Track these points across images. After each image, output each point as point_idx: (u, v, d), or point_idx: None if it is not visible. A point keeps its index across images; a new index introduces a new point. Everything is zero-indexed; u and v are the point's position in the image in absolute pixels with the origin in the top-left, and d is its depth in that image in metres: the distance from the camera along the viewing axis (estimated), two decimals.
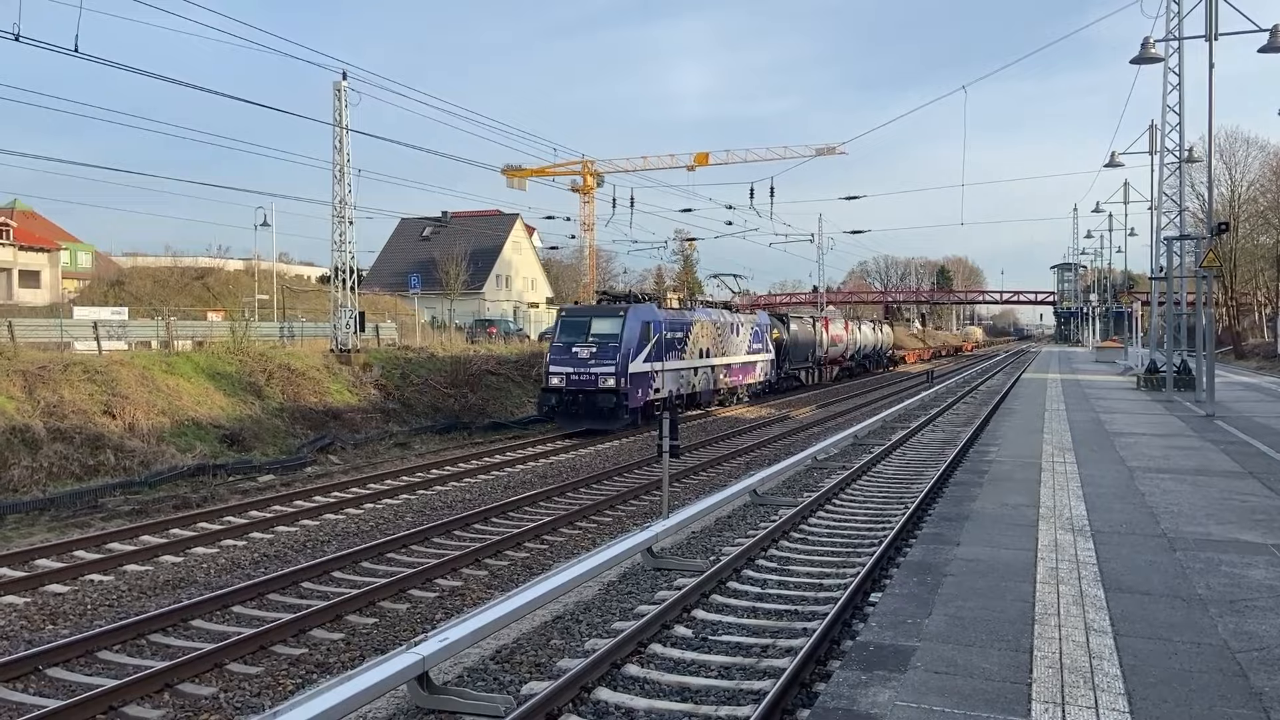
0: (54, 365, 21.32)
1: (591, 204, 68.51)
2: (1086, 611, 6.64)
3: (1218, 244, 33.05)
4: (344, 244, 31.87)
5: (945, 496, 12.19)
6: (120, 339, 30.90)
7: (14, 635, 9.52)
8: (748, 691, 7.01)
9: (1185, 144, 28.85)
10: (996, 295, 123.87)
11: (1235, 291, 59.41)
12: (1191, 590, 7.16)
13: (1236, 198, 58.16)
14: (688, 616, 8.83)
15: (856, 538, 12.16)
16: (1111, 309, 78.42)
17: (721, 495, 13.30)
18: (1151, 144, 33.93)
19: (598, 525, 14.65)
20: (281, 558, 12.70)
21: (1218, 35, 22.49)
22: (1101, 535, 8.96)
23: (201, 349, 28.26)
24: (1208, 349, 23.32)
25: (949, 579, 7.50)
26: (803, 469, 17.64)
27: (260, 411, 24.26)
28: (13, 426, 18.53)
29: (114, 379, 21.66)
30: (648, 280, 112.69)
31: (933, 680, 5.42)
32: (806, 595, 9.58)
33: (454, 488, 17.85)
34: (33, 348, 24.67)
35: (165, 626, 9.53)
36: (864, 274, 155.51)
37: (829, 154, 62.67)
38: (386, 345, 36.33)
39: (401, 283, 54.61)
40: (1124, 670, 5.54)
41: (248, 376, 25.49)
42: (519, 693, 7.08)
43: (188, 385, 23.54)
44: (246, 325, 31.34)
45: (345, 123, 30.71)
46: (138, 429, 20.53)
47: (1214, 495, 11.04)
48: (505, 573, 11.82)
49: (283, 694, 7.89)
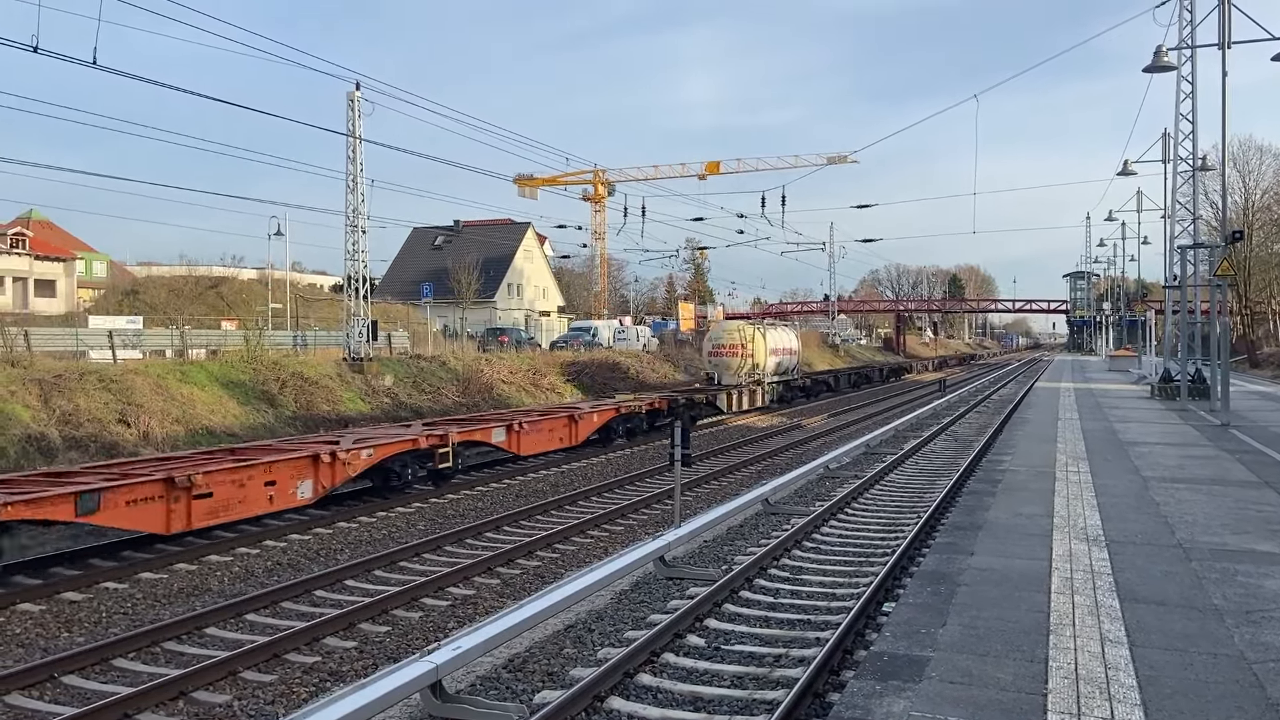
0: (69, 374, 21.48)
1: (603, 213, 68.68)
2: (1102, 622, 6.61)
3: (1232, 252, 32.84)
4: (357, 253, 32.03)
5: (958, 506, 12.14)
6: (135, 348, 31.13)
7: (30, 643, 9.58)
8: (761, 701, 6.99)
9: (1199, 152, 28.75)
10: (1009, 304, 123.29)
11: (1249, 300, 59.03)
12: (1207, 601, 7.12)
13: (1250, 206, 57.86)
14: (700, 625, 8.81)
15: (869, 547, 12.12)
16: (1125, 317, 78.04)
17: (733, 504, 13.28)
18: (1165, 152, 33.80)
19: (610, 534, 14.65)
20: (295, 566, 12.74)
21: (1231, 43, 22.38)
22: (1116, 545, 8.91)
23: (215, 358, 28.43)
24: (1222, 358, 23.17)
25: (963, 588, 7.47)
26: (814, 478, 17.60)
27: (274, 420, 24.36)
28: (29, 435, 18.67)
29: (129, 388, 21.80)
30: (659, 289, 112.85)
31: (948, 690, 5.40)
32: (819, 604, 9.55)
33: (466, 495, 17.87)
34: (48, 356, 24.87)
35: (179, 634, 9.57)
36: (875, 282, 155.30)
37: (840, 162, 62.66)
38: (399, 354, 36.46)
39: (414, 291, 54.80)
40: (1140, 681, 5.51)
41: (261, 385, 25.61)
42: (532, 701, 7.07)
43: (202, 394, 23.66)
44: (260, 334, 31.54)
45: (358, 133, 30.91)
46: (152, 437, 20.65)
47: (1230, 505, 10.97)
48: (518, 581, 11.84)
49: (296, 702, 7.91)
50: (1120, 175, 36.63)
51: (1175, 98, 27.90)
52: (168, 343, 33.60)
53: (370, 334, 31.93)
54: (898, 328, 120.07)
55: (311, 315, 50.62)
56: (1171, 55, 25.15)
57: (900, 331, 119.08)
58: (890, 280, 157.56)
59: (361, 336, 31.35)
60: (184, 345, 30.72)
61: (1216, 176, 36.93)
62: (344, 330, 32.60)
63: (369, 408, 27.69)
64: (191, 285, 56.41)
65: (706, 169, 65.64)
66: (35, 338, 27.54)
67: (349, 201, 31.54)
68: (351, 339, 31.55)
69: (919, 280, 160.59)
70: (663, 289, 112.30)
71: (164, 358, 30.14)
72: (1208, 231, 33.08)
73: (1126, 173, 36.67)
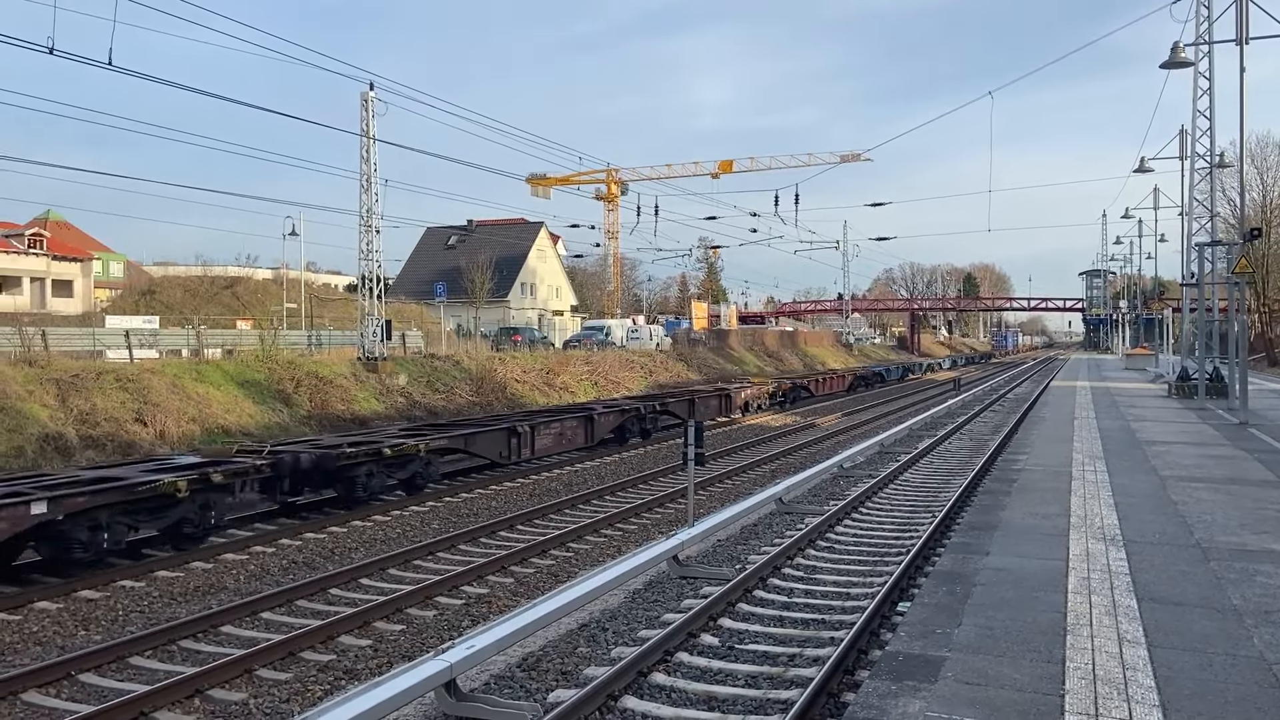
0: (86, 374, 21.62)
1: (616, 212, 68.80)
2: (1119, 622, 6.56)
3: (1250, 250, 32.58)
4: (371, 253, 32.14)
5: (974, 505, 12.08)
6: (151, 347, 31.33)
7: (47, 641, 9.64)
8: (775, 701, 6.96)
9: (1216, 149, 28.51)
10: (1024, 302, 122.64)
11: (1267, 298, 58.51)
12: (1226, 601, 7.05)
13: (1269, 203, 57.38)
14: (714, 625, 8.79)
15: (884, 546, 12.07)
16: (1141, 316, 77.52)
17: (747, 503, 13.25)
18: (1182, 149, 33.59)
19: (623, 533, 14.65)
20: (310, 564, 12.78)
21: (1248, 39, 22.22)
22: (1134, 545, 8.84)
23: (231, 357, 28.58)
24: (1240, 356, 22.98)
25: (979, 588, 7.42)
26: (828, 477, 17.55)
27: (288, 419, 24.46)
28: (46, 434, 18.80)
29: (145, 387, 21.93)
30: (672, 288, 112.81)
31: (963, 691, 5.37)
32: (834, 604, 9.52)
33: (480, 495, 17.90)
34: (66, 356, 25.03)
35: (195, 632, 9.62)
36: (890, 281, 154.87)
37: (853, 160, 62.59)
38: (413, 353, 36.56)
39: (427, 291, 54.92)
40: (1158, 682, 5.46)
41: (276, 385, 25.72)
42: (546, 700, 7.07)
43: (217, 393, 23.78)
44: (275, 334, 31.72)
45: (372, 132, 31.01)
46: (168, 436, 20.77)
47: (1248, 505, 10.87)
48: (532, 580, 11.85)
49: (311, 700, 7.94)
50: (1137, 172, 36.48)
51: (1192, 94, 27.71)
52: (183, 342, 33.80)
53: (384, 333, 32.03)
54: (912, 326, 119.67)
55: (326, 315, 50.85)
56: (1189, 51, 24.98)
57: (915, 330, 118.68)
58: (905, 279, 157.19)
59: (376, 336, 31.45)
60: (200, 345, 30.85)
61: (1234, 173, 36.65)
62: (358, 330, 32.72)
63: (383, 407, 27.78)
64: (207, 285, 56.78)
65: (720, 168, 65.67)
66: (53, 338, 27.73)
67: (363, 201, 31.66)
68: (366, 338, 31.65)
69: (933, 279, 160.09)
70: (676, 288, 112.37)
71: (180, 357, 30.31)
72: (1225, 229, 32.78)
73: (1143, 170, 36.48)
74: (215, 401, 23.34)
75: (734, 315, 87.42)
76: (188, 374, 24.11)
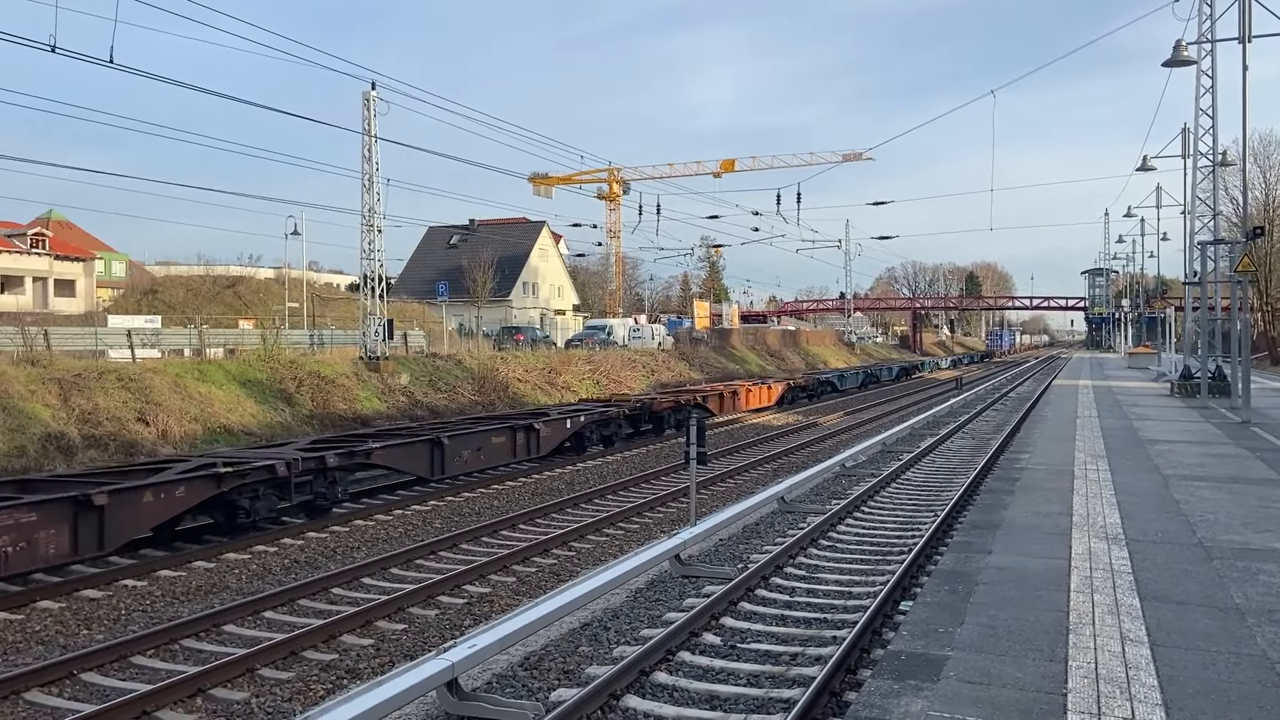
0: (89, 373, 21.63)
1: (618, 211, 68.77)
2: (1122, 621, 6.55)
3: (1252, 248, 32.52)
4: (373, 252, 32.14)
5: (976, 504, 12.07)
6: (153, 347, 31.34)
7: (50, 640, 9.65)
8: (777, 700, 6.96)
9: (1219, 147, 28.46)
10: (1026, 301, 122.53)
11: (1270, 297, 58.42)
12: (1229, 600, 7.04)
13: (1271, 202, 57.28)
14: (716, 624, 8.79)
15: (886, 545, 12.06)
16: (1144, 314, 77.45)
17: (749, 502, 13.24)
18: (1184, 147, 33.52)
19: (625, 532, 14.64)
20: (312, 564, 12.79)
21: (1251, 37, 22.20)
22: (1136, 544, 8.83)
23: (233, 357, 28.60)
24: (1243, 355, 22.95)
25: (981, 587, 7.42)
26: (830, 476, 17.54)
27: (291, 419, 24.48)
28: (48, 434, 18.81)
29: (147, 386, 21.94)
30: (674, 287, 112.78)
31: (966, 690, 5.36)
32: (836, 603, 9.51)
33: (482, 494, 17.91)
34: (68, 356, 25.05)
35: (198, 632, 9.62)
36: (892, 280, 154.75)
37: (855, 159, 62.56)
38: (415, 353, 36.58)
39: (429, 290, 54.96)
40: (1161, 681, 5.45)
41: (278, 384, 25.74)
42: (548, 699, 7.07)
43: (219, 393, 23.80)
44: (277, 333, 31.73)
45: (374, 131, 31.01)
46: (170, 436, 20.79)
47: (1251, 503, 10.86)
48: (534, 579, 11.84)
49: (313, 699, 7.94)
50: (1139, 171, 36.44)
51: (1195, 92, 27.69)
52: (186, 342, 33.81)
53: (386, 333, 32.03)
54: (914, 325, 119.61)
55: (328, 314, 50.87)
56: (1191, 49, 24.97)
57: (916, 329, 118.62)
58: (906, 278, 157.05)
59: (378, 335, 31.45)
60: (202, 344, 30.90)
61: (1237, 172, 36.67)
62: (360, 329, 32.73)
63: (385, 406, 27.78)
64: (209, 285, 56.81)
65: (721, 167, 65.64)
66: (55, 337, 27.76)
67: (365, 201, 31.65)
68: (368, 338, 31.66)
69: (935, 278, 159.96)
70: (678, 287, 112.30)
71: (182, 357, 30.33)
72: (1228, 227, 32.79)
73: (1146, 168, 36.42)
74: (217, 401, 23.36)
75: (736, 314, 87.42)
76: (190, 374, 24.12)
